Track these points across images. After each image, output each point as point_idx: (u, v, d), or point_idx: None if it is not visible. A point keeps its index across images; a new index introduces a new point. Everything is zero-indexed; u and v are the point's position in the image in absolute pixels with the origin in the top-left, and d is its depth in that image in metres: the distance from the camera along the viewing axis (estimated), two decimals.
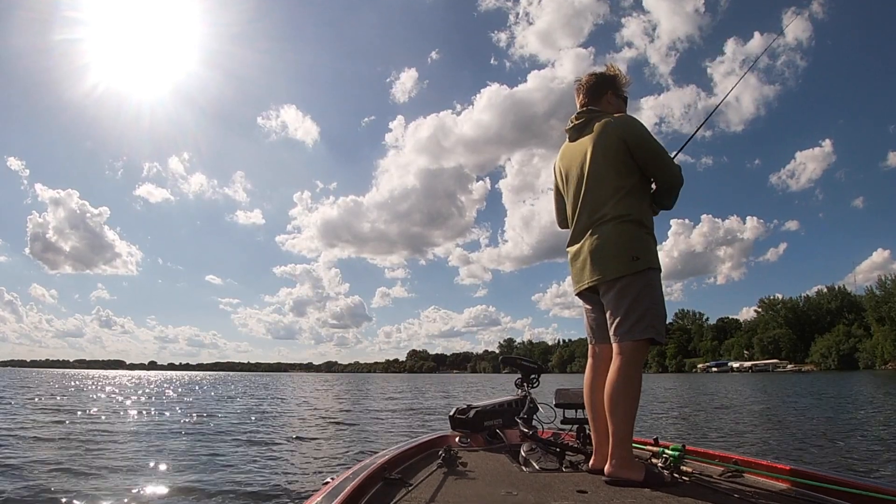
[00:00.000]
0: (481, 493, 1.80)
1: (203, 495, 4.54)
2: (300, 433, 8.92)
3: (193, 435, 8.22)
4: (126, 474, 5.30)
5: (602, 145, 2.20)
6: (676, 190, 2.28)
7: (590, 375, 2.25)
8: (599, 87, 2.39)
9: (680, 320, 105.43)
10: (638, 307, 2.05)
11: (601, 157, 2.19)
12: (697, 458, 2.30)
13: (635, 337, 2.04)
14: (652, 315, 2.07)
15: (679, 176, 2.25)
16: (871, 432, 8.62)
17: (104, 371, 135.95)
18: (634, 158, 2.17)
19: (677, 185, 2.26)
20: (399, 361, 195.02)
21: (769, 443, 7.72)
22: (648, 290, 2.09)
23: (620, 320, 2.07)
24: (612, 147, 2.18)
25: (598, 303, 2.23)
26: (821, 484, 1.74)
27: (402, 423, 11.03)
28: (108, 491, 4.61)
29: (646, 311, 2.06)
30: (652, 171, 2.21)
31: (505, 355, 4.31)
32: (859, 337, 70.38)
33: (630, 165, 2.18)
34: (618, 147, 2.17)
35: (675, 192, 2.29)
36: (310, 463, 6.25)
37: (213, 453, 6.52)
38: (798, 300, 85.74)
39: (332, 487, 1.63)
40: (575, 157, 2.31)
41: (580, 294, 2.31)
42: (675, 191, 2.28)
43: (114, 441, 7.54)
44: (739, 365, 78.81)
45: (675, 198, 2.31)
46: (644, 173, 2.21)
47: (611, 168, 2.18)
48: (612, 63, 2.49)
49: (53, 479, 4.99)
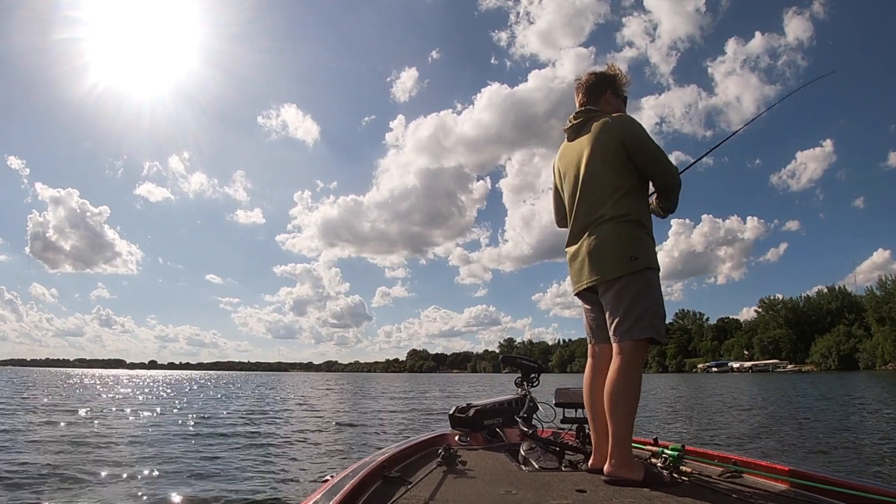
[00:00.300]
0: (481, 491, 1.79)
1: (204, 493, 4.54)
2: (300, 432, 8.93)
3: (193, 434, 8.23)
4: (126, 472, 5.29)
5: (600, 146, 2.20)
6: (675, 191, 2.27)
7: (589, 375, 2.25)
8: (599, 87, 2.38)
9: (680, 320, 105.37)
10: (637, 307, 2.05)
11: (599, 157, 2.19)
12: (697, 458, 2.30)
13: (635, 336, 2.04)
14: (651, 315, 2.06)
15: (677, 177, 2.25)
16: (871, 433, 8.62)
17: (104, 370, 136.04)
18: (632, 159, 2.17)
19: (675, 187, 2.26)
20: (399, 361, 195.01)
21: (769, 443, 7.72)
22: (647, 289, 2.09)
23: (620, 320, 2.07)
24: (609, 147, 2.18)
25: (597, 303, 2.23)
26: (820, 485, 1.74)
27: (402, 422, 11.05)
28: (108, 489, 4.61)
29: (645, 311, 2.05)
30: (649, 173, 2.20)
31: (505, 354, 4.31)
32: (859, 337, 70.21)
33: (628, 166, 2.17)
34: (615, 147, 2.17)
35: (675, 194, 2.28)
36: (309, 461, 6.26)
37: (213, 452, 6.54)
38: (798, 300, 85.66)
39: (331, 485, 1.63)
40: (573, 157, 2.31)
41: (579, 294, 2.31)
42: (674, 192, 2.27)
43: (113, 441, 7.54)
44: (739, 365, 78.70)
45: (675, 199, 2.30)
46: (642, 174, 2.21)
47: (609, 168, 2.17)
48: (612, 63, 2.48)
49: (53, 481, 4.97)
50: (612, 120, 2.22)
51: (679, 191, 2.28)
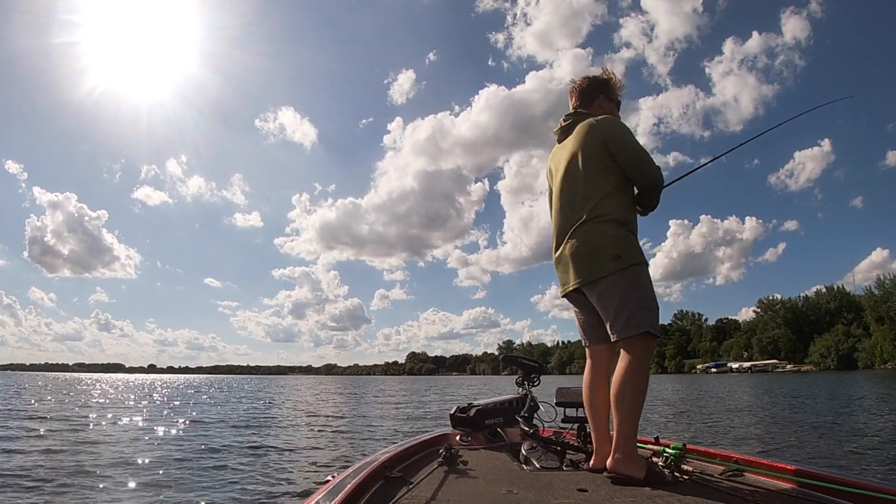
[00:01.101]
0: (482, 491, 1.79)
1: (206, 493, 4.53)
2: (301, 433, 8.92)
3: (195, 435, 8.21)
4: (127, 477, 5.27)
5: (583, 146, 2.21)
6: (657, 191, 2.28)
7: (588, 376, 2.25)
8: (592, 91, 2.40)
9: (679, 321, 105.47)
10: (628, 304, 2.05)
11: (582, 158, 2.21)
12: (698, 457, 2.30)
13: (630, 333, 2.04)
14: (643, 309, 2.06)
15: (659, 177, 2.25)
16: (873, 432, 8.62)
17: (104, 374, 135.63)
18: (615, 160, 2.18)
19: (658, 187, 2.26)
20: (398, 364, 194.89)
21: (769, 443, 7.71)
22: (635, 285, 2.08)
23: (613, 320, 2.08)
24: (592, 148, 2.19)
25: (586, 304, 2.23)
26: (822, 483, 1.73)
27: (402, 422, 11.03)
28: (109, 494, 4.58)
29: (636, 307, 2.05)
30: (632, 173, 2.21)
31: (506, 354, 4.31)
32: (858, 337, 70.34)
33: (611, 166, 2.18)
34: (599, 148, 2.18)
35: (657, 194, 2.29)
36: (310, 461, 6.25)
37: (213, 454, 6.53)
38: (797, 300, 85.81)
39: (333, 485, 1.63)
40: (561, 158, 2.33)
41: (567, 296, 2.31)
42: (656, 192, 2.28)
43: (112, 446, 7.51)
44: (739, 365, 78.76)
45: (656, 199, 2.31)
46: (625, 174, 2.21)
47: (591, 169, 2.19)
48: (607, 67, 2.50)
49: (48, 488, 4.95)
50: (597, 121, 2.24)
51: (661, 190, 2.28)
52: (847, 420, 10.55)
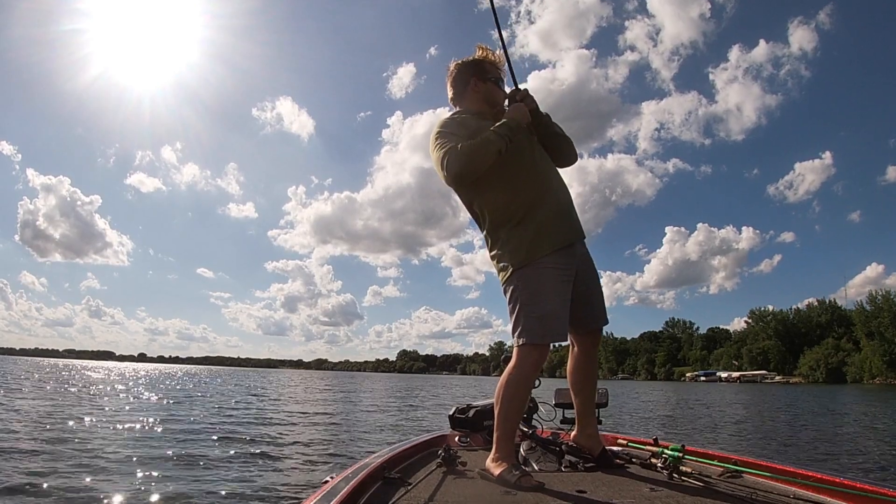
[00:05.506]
0: (480, 492, 1.78)
1: (199, 496, 4.41)
2: (298, 432, 8.84)
3: (187, 434, 8.02)
4: (119, 474, 5.18)
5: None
6: (451, 184, 2.08)
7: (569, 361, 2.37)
8: (463, 76, 2.25)
9: (670, 329, 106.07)
10: (512, 315, 2.03)
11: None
12: (697, 458, 2.29)
13: (517, 344, 2.01)
14: (522, 318, 1.98)
15: (446, 167, 1.99)
16: (865, 442, 8.67)
17: (93, 361, 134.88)
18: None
19: (449, 181, 2.05)
20: (389, 361, 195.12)
21: (766, 448, 7.74)
22: (515, 294, 2.02)
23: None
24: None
25: None
26: (819, 485, 1.74)
27: (401, 422, 11.02)
28: (101, 493, 4.47)
29: (517, 317, 2.00)
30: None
31: (506, 354, 4.29)
32: (848, 351, 70.90)
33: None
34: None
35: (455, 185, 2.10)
36: (308, 462, 6.16)
37: (208, 453, 6.32)
38: (788, 312, 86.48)
39: (331, 487, 1.61)
40: None
41: None
42: (453, 185, 2.10)
43: (105, 441, 7.44)
44: (728, 375, 79.26)
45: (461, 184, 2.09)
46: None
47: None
48: (479, 44, 2.28)
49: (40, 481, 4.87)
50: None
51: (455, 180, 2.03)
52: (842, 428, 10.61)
